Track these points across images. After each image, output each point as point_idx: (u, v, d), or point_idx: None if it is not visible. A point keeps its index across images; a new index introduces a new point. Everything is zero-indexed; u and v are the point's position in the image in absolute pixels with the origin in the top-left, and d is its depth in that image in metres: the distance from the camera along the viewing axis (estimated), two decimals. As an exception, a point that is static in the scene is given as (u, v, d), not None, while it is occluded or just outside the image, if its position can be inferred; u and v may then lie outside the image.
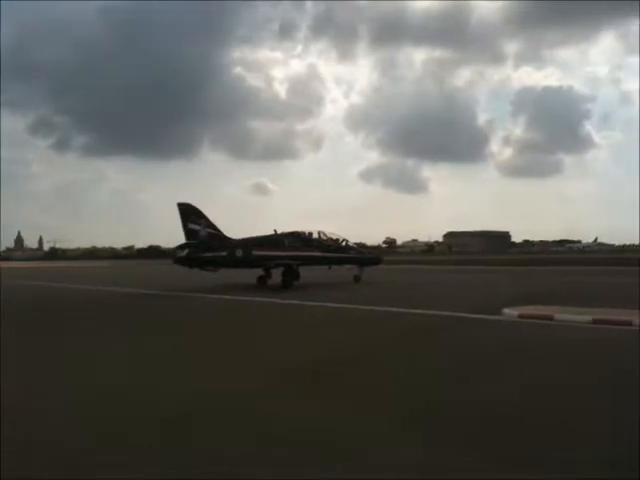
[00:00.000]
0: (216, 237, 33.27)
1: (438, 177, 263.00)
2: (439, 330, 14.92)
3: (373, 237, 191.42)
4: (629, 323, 13.98)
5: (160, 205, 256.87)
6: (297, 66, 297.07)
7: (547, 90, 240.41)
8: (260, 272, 34.24)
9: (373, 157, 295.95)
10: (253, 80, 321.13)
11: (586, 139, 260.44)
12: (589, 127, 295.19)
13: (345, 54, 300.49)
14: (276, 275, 32.97)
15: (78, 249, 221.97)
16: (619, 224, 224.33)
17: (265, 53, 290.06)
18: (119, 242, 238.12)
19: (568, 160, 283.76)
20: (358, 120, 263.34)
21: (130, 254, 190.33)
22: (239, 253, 32.55)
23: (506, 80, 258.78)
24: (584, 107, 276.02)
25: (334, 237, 35.54)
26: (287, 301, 22.82)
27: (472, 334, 13.99)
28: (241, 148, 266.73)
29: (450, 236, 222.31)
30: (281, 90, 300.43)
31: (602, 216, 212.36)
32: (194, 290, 29.74)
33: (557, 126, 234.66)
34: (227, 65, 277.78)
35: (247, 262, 32.93)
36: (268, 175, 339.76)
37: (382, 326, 15.99)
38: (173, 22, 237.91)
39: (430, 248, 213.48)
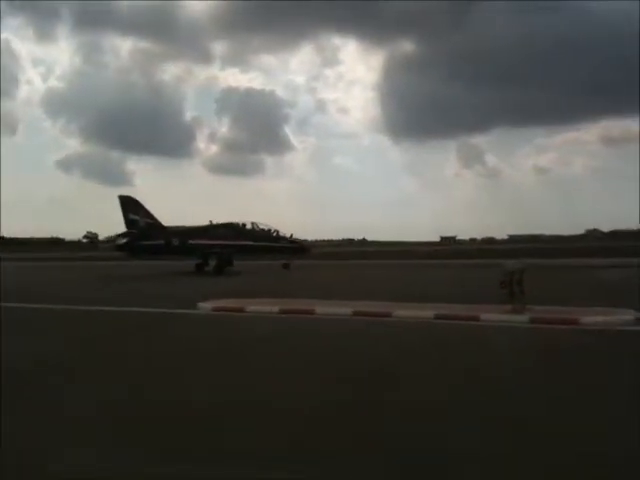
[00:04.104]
0: (154, 227, 35.18)
1: (144, 171, 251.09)
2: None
3: (74, 232, 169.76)
4: (311, 312, 15.01)
5: None
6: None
7: (250, 92, 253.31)
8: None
9: (73, 145, 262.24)
10: None
11: (285, 141, 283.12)
12: (288, 131, 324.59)
13: (44, 34, 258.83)
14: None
15: None
16: (311, 221, 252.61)
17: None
18: None
19: (269, 160, 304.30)
20: (57, 105, 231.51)
21: None
22: (176, 242, 34.70)
23: (213, 79, 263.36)
24: (284, 112, 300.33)
25: (266, 228, 38.39)
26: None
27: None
28: None
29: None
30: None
31: (298, 213, 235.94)
32: None
33: (259, 128, 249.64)
34: None
35: (183, 250, 34.93)
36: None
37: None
38: None
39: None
